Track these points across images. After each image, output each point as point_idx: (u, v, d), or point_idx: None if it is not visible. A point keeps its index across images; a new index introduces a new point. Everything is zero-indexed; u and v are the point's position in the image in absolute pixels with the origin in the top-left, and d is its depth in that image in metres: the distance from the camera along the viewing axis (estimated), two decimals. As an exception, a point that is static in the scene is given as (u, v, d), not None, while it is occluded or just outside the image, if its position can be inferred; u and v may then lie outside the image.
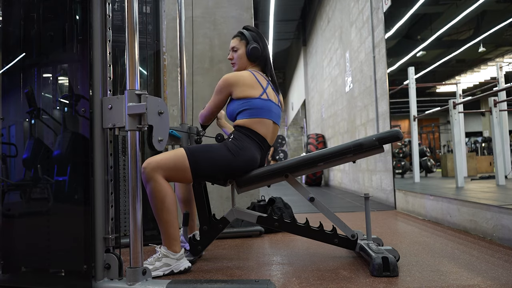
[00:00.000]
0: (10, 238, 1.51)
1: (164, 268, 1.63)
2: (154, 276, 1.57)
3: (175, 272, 1.65)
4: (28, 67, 1.52)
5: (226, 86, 1.86)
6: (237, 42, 1.97)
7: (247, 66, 1.98)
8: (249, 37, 1.95)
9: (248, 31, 1.98)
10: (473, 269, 1.62)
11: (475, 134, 8.97)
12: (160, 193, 1.65)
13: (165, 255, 1.65)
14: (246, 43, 1.96)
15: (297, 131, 16.45)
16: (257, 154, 1.84)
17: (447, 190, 3.70)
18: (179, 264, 1.67)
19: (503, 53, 5.88)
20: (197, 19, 3.17)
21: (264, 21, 10.75)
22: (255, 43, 1.94)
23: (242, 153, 1.78)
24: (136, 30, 1.40)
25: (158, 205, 1.65)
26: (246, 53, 1.95)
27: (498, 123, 3.77)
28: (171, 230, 1.67)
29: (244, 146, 1.79)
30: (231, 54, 1.99)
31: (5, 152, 1.57)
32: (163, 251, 1.66)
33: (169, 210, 1.66)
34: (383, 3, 4.25)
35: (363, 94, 5.27)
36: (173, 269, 1.65)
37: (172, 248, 1.67)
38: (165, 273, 1.63)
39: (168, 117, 1.48)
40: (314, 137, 8.42)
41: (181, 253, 1.69)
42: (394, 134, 1.78)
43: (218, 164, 1.74)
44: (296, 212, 3.25)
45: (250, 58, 1.95)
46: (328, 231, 1.84)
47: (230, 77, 1.86)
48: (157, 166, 1.66)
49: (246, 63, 1.97)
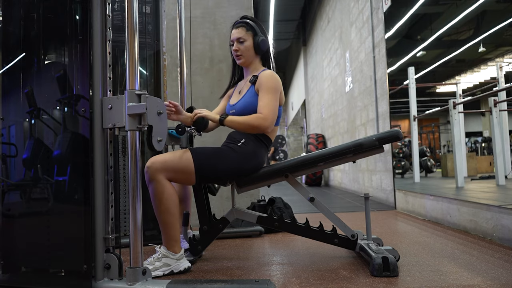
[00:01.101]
0: (10, 238, 1.51)
1: (164, 268, 1.63)
2: (154, 276, 1.57)
3: (175, 272, 1.65)
4: (28, 67, 1.52)
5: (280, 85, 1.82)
6: (243, 33, 1.86)
7: (253, 59, 1.91)
8: (256, 27, 1.86)
9: (252, 21, 1.89)
10: (473, 269, 1.62)
11: (475, 134, 8.97)
12: (163, 194, 1.64)
13: (165, 255, 1.65)
14: (253, 35, 1.86)
15: (297, 131, 16.45)
16: (265, 157, 1.85)
17: (447, 190, 3.70)
18: (179, 264, 1.67)
19: (503, 53, 5.87)
20: (197, 19, 3.17)
21: (264, 21, 10.74)
22: (263, 36, 1.87)
23: (254, 159, 1.77)
24: (136, 30, 1.40)
25: (159, 206, 1.65)
26: (254, 46, 1.86)
27: (498, 123, 3.77)
28: (171, 231, 1.67)
29: (255, 151, 1.78)
30: (237, 45, 1.87)
31: (5, 152, 1.57)
32: (163, 251, 1.65)
33: (170, 212, 1.65)
34: (383, 3, 4.25)
35: (363, 94, 5.27)
36: (173, 269, 1.64)
37: (172, 248, 1.67)
38: (165, 273, 1.63)
39: (166, 117, 1.48)
40: (314, 137, 8.42)
41: (181, 253, 1.68)
42: (394, 134, 1.78)
43: (225, 169, 1.73)
44: (296, 212, 3.25)
45: (257, 52, 1.88)
46: (328, 231, 1.83)
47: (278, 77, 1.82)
48: (161, 167, 1.64)
49: (253, 56, 1.89)
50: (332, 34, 7.41)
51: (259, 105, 1.76)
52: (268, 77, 1.80)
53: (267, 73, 1.82)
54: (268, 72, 1.83)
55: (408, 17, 5.09)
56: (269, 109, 1.74)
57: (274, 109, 1.76)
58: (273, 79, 1.80)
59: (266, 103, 1.75)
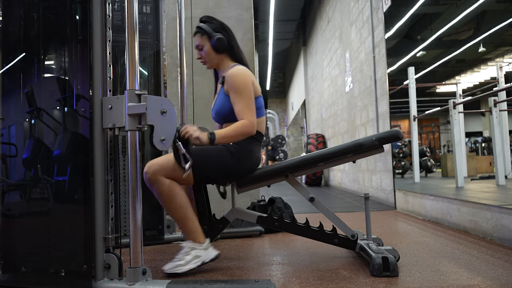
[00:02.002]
0: (10, 238, 1.51)
1: (195, 260, 1.65)
2: (187, 270, 1.61)
3: (206, 262, 1.67)
4: (28, 67, 1.52)
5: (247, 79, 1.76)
6: (199, 39, 1.84)
7: (219, 60, 1.87)
8: (209, 29, 1.82)
9: (206, 23, 1.84)
10: (473, 269, 1.62)
11: (475, 134, 8.96)
12: (168, 192, 1.64)
13: (192, 248, 1.66)
14: (209, 37, 1.83)
15: (297, 131, 16.45)
16: (259, 154, 1.83)
17: (447, 190, 3.70)
18: (208, 253, 1.68)
19: (503, 53, 5.87)
20: (197, 19, 3.16)
21: (264, 21, 10.75)
22: (218, 34, 1.82)
23: (248, 158, 1.77)
24: (136, 30, 1.40)
25: (169, 204, 1.65)
26: (212, 47, 1.83)
27: (498, 123, 3.77)
28: (190, 224, 1.67)
29: (248, 149, 1.77)
30: (198, 53, 1.87)
31: (5, 152, 1.57)
32: (190, 244, 1.67)
33: (181, 206, 1.65)
34: (383, 3, 4.25)
35: (363, 94, 5.27)
36: (203, 259, 1.66)
37: (197, 240, 1.68)
38: (198, 265, 1.65)
39: (174, 115, 1.42)
40: (314, 137, 8.42)
41: (207, 242, 1.70)
42: (394, 134, 1.78)
43: (220, 170, 1.73)
44: (296, 212, 3.25)
45: (217, 51, 1.83)
46: (328, 231, 1.83)
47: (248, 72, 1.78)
48: (160, 168, 1.63)
49: (216, 58, 1.85)
50: (332, 34, 7.41)
51: (236, 111, 1.74)
52: (233, 77, 1.75)
53: (230, 73, 1.77)
54: (232, 72, 1.77)
55: (408, 17, 5.09)
56: (247, 112, 1.73)
57: (251, 108, 1.74)
58: (238, 77, 1.75)
59: (242, 107, 1.73)
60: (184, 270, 1.62)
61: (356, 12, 5.50)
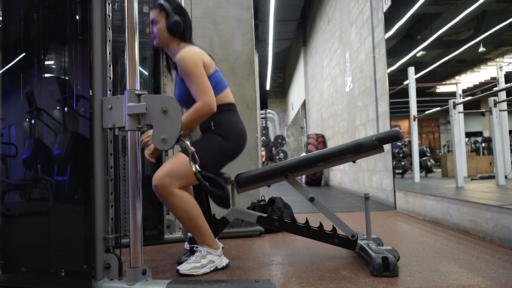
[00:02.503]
0: (10, 238, 1.51)
1: (210, 265, 1.68)
2: (202, 273, 1.65)
3: (219, 268, 1.71)
4: (28, 67, 1.52)
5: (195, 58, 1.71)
6: (157, 14, 1.78)
7: (169, 41, 1.81)
8: (169, 8, 1.77)
9: (168, 3, 1.79)
10: (473, 269, 1.62)
11: (475, 134, 8.96)
12: (183, 205, 1.65)
13: (208, 252, 1.70)
14: (166, 16, 1.78)
15: (297, 131, 16.45)
16: (241, 123, 1.84)
17: (447, 190, 3.70)
18: (221, 260, 1.73)
19: (503, 53, 5.87)
20: (197, 19, 3.16)
21: (264, 21, 10.75)
22: (176, 16, 1.77)
23: (232, 132, 1.77)
24: (136, 30, 1.40)
25: (184, 216, 1.67)
26: (167, 27, 1.77)
27: (498, 123, 3.77)
28: (206, 231, 1.71)
29: (231, 122, 1.78)
30: (151, 27, 1.81)
31: (5, 152, 1.57)
32: (206, 249, 1.70)
33: (196, 216, 1.68)
34: (383, 3, 4.25)
35: (363, 94, 5.27)
36: (217, 265, 1.71)
37: (212, 246, 1.72)
38: (211, 270, 1.68)
39: (177, 112, 1.39)
40: (314, 137, 8.42)
41: (220, 250, 1.74)
42: (394, 134, 1.78)
43: (216, 154, 1.74)
44: (296, 212, 3.25)
45: (171, 33, 1.78)
46: (328, 231, 1.83)
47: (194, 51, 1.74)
48: (169, 181, 1.62)
49: (167, 38, 1.80)
50: (332, 34, 7.41)
51: (192, 94, 1.72)
52: (181, 60, 1.71)
53: (178, 57, 1.73)
54: (179, 56, 1.73)
55: (408, 17, 5.09)
56: (200, 93, 1.70)
57: (205, 88, 1.70)
58: (186, 59, 1.70)
59: (195, 89, 1.70)
60: (199, 273, 1.65)
61: (356, 12, 5.50)
